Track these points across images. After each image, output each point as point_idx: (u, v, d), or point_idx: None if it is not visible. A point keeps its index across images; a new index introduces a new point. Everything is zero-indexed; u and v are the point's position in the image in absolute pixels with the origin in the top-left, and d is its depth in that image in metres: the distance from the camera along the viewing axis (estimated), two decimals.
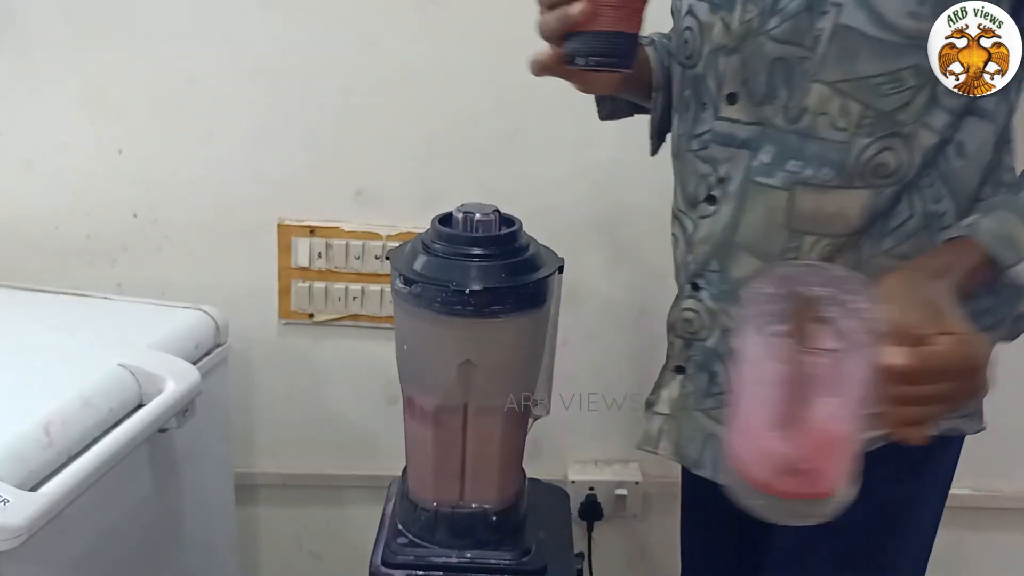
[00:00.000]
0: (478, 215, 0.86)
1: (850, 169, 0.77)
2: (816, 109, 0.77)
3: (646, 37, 0.94)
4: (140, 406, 0.98)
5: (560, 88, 1.28)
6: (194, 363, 1.07)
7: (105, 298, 1.22)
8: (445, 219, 0.88)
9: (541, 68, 0.81)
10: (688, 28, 0.85)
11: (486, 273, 0.82)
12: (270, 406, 1.44)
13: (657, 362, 1.42)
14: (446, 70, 1.28)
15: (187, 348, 1.11)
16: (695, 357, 0.90)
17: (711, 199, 0.85)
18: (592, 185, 1.34)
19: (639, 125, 1.30)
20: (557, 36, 0.77)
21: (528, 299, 0.84)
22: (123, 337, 1.08)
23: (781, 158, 0.79)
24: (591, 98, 1.29)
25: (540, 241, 0.90)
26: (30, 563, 0.81)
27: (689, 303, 0.89)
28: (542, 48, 0.79)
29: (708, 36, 0.83)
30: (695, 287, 0.88)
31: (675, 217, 0.92)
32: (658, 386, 0.95)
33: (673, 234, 0.93)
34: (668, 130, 0.97)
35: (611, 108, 1.02)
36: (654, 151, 1.02)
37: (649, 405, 0.96)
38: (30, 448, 0.85)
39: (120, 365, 1.00)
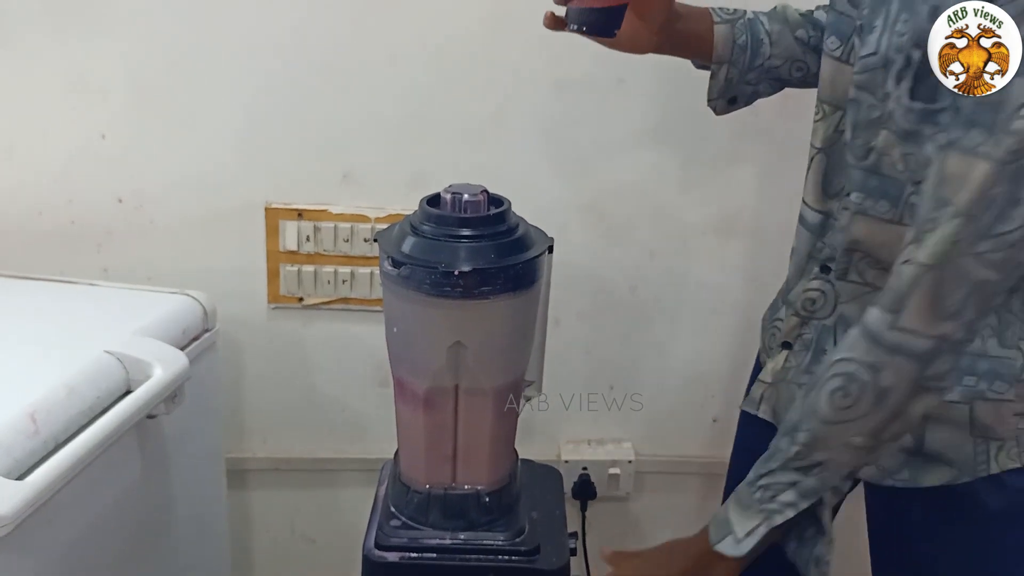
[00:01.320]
0: (466, 195, 0.85)
1: None
2: (881, 150, 0.81)
3: (734, 12, 1.00)
4: (128, 393, 0.97)
5: (547, 67, 1.29)
6: (182, 349, 1.06)
7: (91, 284, 1.20)
8: (433, 200, 0.87)
9: (545, 26, 0.98)
10: None
11: (475, 254, 0.82)
12: (260, 391, 1.43)
13: (648, 340, 1.44)
14: (432, 50, 1.26)
15: (175, 334, 1.10)
16: (805, 335, 0.97)
17: None
18: (580, 164, 1.33)
19: (627, 106, 1.30)
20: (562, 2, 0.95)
21: (518, 279, 0.84)
22: (109, 323, 1.07)
23: None
24: (578, 76, 1.29)
25: (529, 221, 0.89)
26: (18, 552, 0.80)
27: (815, 284, 0.95)
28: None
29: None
30: (825, 269, 0.94)
31: (809, 207, 0.96)
32: (767, 357, 1.03)
33: (803, 221, 0.97)
34: (736, 97, 1.03)
35: (722, 89, 1.04)
36: (719, 113, 1.06)
37: (757, 371, 1.05)
38: (16, 437, 0.84)
39: (107, 352, 0.99)
